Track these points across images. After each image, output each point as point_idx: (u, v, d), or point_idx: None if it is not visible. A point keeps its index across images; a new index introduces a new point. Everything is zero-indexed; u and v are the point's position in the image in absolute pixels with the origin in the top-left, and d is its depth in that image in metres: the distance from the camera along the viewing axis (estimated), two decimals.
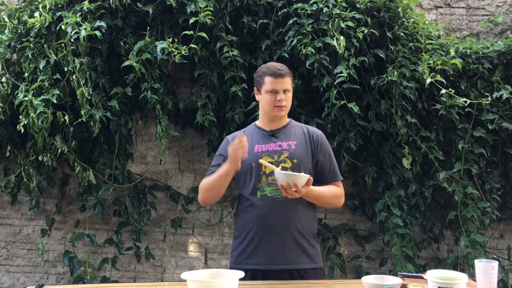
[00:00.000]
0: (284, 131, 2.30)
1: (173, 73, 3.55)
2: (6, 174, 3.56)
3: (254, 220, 2.20)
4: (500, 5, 3.76)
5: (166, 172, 3.68)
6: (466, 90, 3.32)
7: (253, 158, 2.20)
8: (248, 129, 2.38)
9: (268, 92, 2.24)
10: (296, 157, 2.22)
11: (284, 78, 2.23)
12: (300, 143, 2.26)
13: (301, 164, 2.21)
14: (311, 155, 2.27)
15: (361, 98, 3.31)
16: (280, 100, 2.21)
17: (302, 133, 2.31)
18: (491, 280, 1.77)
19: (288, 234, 2.18)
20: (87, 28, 3.06)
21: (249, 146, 2.22)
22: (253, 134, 2.32)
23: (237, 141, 2.08)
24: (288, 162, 2.20)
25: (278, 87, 2.22)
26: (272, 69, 2.24)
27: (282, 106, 2.22)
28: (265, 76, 2.24)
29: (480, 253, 3.16)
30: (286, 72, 2.24)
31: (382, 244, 3.51)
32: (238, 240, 2.27)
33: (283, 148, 2.23)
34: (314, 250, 2.25)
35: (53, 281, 3.65)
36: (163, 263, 3.64)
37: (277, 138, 2.27)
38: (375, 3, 3.27)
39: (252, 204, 2.21)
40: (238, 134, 2.31)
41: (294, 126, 2.34)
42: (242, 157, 2.09)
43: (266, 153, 2.23)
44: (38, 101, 3.06)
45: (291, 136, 2.28)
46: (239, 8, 3.32)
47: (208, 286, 1.75)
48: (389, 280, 1.88)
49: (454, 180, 3.24)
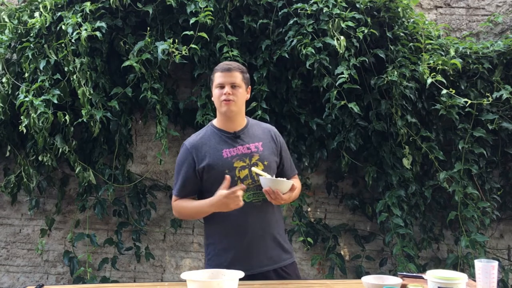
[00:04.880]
0: (247, 131, 2.24)
1: (173, 73, 3.55)
2: (6, 174, 3.56)
3: (235, 228, 2.14)
4: (500, 5, 3.76)
5: (166, 172, 3.68)
6: (466, 90, 3.32)
7: (224, 164, 2.13)
8: (207, 131, 2.24)
9: (217, 87, 2.18)
10: (266, 158, 2.19)
11: (232, 72, 2.17)
12: (265, 144, 2.23)
13: (271, 165, 2.20)
14: (276, 154, 2.26)
15: (361, 98, 3.31)
16: (226, 93, 2.13)
17: (263, 132, 2.28)
18: (491, 280, 1.77)
19: (269, 235, 2.18)
20: (88, 28, 3.06)
21: (216, 150, 2.16)
22: (216, 137, 2.21)
23: (231, 193, 1.98)
24: (260, 164, 2.16)
25: (224, 81, 2.16)
26: (221, 65, 2.21)
27: (228, 100, 2.13)
28: (215, 72, 2.21)
29: (480, 253, 3.16)
30: (235, 67, 2.19)
31: (382, 244, 3.52)
32: (217, 247, 2.19)
33: (253, 151, 2.18)
34: (289, 245, 2.30)
35: (53, 281, 3.65)
36: (163, 263, 3.64)
37: (243, 140, 2.20)
38: (375, 3, 3.26)
39: (229, 212, 2.08)
40: (197, 139, 2.21)
41: (253, 125, 2.29)
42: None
43: (237, 157, 2.15)
44: (39, 101, 3.06)
45: (255, 137, 2.24)
46: (239, 8, 3.32)
47: (208, 286, 1.75)
48: (389, 280, 1.88)
49: (454, 180, 3.24)
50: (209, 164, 2.14)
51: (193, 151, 2.19)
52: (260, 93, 3.24)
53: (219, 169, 2.13)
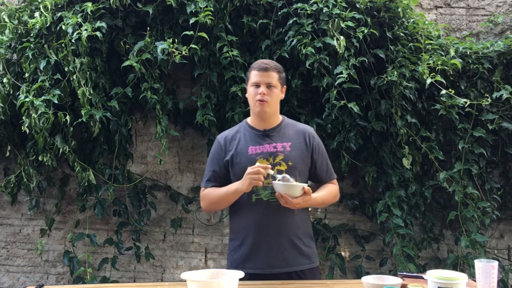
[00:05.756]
0: (278, 131, 2.24)
1: (173, 73, 3.55)
2: (6, 174, 3.56)
3: (250, 224, 2.18)
4: (500, 5, 3.76)
5: (166, 172, 3.68)
6: (466, 90, 3.32)
7: (247, 161, 2.16)
8: (240, 127, 2.30)
9: (252, 86, 2.19)
10: (291, 159, 2.17)
11: (269, 72, 2.16)
12: (294, 144, 2.22)
13: (296, 167, 2.17)
14: (308, 156, 2.23)
15: (361, 98, 3.31)
16: (261, 93, 2.14)
17: (297, 133, 2.25)
18: (491, 280, 1.77)
19: (284, 237, 2.16)
20: (88, 29, 3.06)
21: (243, 146, 2.20)
22: (246, 133, 2.25)
23: (260, 169, 2.01)
24: (284, 164, 2.16)
25: (260, 80, 2.16)
26: (258, 63, 2.21)
27: (263, 100, 2.15)
28: (252, 70, 2.21)
29: (480, 253, 3.16)
30: (272, 67, 2.18)
31: (382, 244, 3.51)
32: (235, 243, 2.24)
33: (278, 150, 2.18)
34: (310, 250, 2.24)
35: (53, 281, 3.65)
36: (163, 263, 3.64)
37: (271, 139, 2.21)
38: (375, 3, 3.27)
39: (248, 208, 2.17)
40: (230, 134, 2.28)
41: (288, 125, 2.29)
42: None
43: (261, 155, 2.17)
44: (39, 101, 3.06)
45: (285, 137, 2.23)
46: (239, 8, 3.32)
47: (208, 286, 1.75)
48: (389, 280, 1.88)
49: (454, 180, 3.24)
50: (233, 159, 2.20)
51: (223, 144, 2.25)
52: None
53: (241, 164, 2.16)
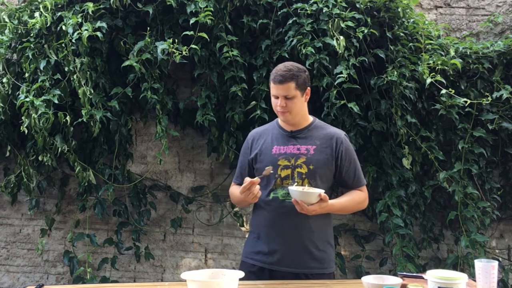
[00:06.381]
0: (305, 133, 2.25)
1: (173, 73, 3.55)
2: (6, 174, 3.56)
3: (265, 221, 2.23)
4: (500, 5, 3.76)
5: (166, 172, 3.68)
6: (466, 90, 3.32)
7: (270, 160, 2.21)
8: (270, 126, 2.37)
9: (273, 96, 2.22)
10: (313, 163, 2.17)
11: (284, 84, 2.14)
12: (320, 148, 2.20)
13: (317, 171, 2.17)
14: (333, 162, 2.21)
15: (361, 98, 3.31)
16: (280, 105, 2.17)
17: (325, 137, 2.24)
18: (491, 280, 1.77)
19: (296, 238, 2.17)
20: (89, 29, 3.06)
21: (268, 145, 2.25)
22: (274, 132, 2.30)
23: (248, 185, 2.04)
24: (304, 167, 2.16)
25: (277, 93, 2.18)
26: (274, 74, 2.18)
27: (284, 112, 2.18)
28: (270, 81, 2.21)
29: (480, 253, 3.16)
30: (287, 78, 2.14)
31: (382, 244, 3.51)
32: (252, 236, 2.32)
33: (301, 152, 2.19)
34: (325, 255, 2.23)
35: (53, 281, 3.65)
36: (163, 263, 3.64)
37: (297, 140, 2.23)
38: (375, 3, 3.27)
39: (265, 205, 2.22)
40: (260, 131, 2.35)
41: (317, 128, 2.28)
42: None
43: (284, 156, 2.20)
44: (40, 101, 3.06)
45: (312, 139, 2.23)
46: (239, 8, 3.32)
47: (208, 286, 1.75)
48: (389, 280, 1.88)
49: (454, 180, 3.24)
50: (257, 156, 2.26)
51: (251, 140, 2.33)
52: (260, 93, 3.25)
53: (264, 162, 2.21)
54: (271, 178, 2.19)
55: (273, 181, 2.20)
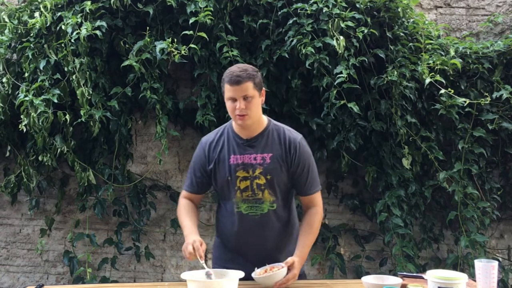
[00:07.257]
0: (260, 140, 2.14)
1: (173, 73, 3.55)
2: (6, 174, 3.56)
3: (232, 234, 2.18)
4: (500, 5, 3.76)
5: (166, 172, 3.68)
6: (466, 90, 3.32)
7: (228, 170, 2.12)
8: (225, 131, 2.21)
9: (228, 100, 2.06)
10: (270, 172, 2.10)
11: (241, 84, 2.00)
12: (275, 156, 2.12)
13: (274, 180, 2.10)
14: (286, 167, 2.13)
15: (361, 98, 3.31)
16: (239, 108, 2.02)
17: (279, 143, 2.13)
18: (491, 280, 1.77)
19: (263, 250, 2.15)
20: (88, 28, 3.06)
21: (225, 154, 2.14)
22: (229, 140, 2.17)
23: (191, 249, 1.99)
24: (262, 178, 2.09)
25: (235, 95, 2.02)
26: (229, 75, 2.03)
27: (242, 114, 2.03)
28: (224, 83, 2.05)
29: (480, 253, 3.16)
30: (245, 78, 2.01)
31: (382, 244, 3.51)
32: (219, 241, 2.30)
33: (257, 162, 2.10)
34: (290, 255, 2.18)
35: (53, 281, 3.65)
36: (163, 263, 3.64)
37: (253, 148, 2.13)
38: (375, 3, 3.27)
39: (230, 217, 2.17)
40: (214, 138, 2.20)
41: (272, 133, 2.16)
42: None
43: (241, 166, 2.11)
44: (39, 101, 3.06)
45: (267, 147, 2.12)
46: (239, 8, 3.32)
47: (208, 286, 1.75)
48: (389, 280, 1.88)
49: (454, 180, 3.24)
50: (215, 167, 2.15)
51: (206, 150, 2.19)
52: None
53: (222, 174, 2.13)
54: (230, 189, 2.12)
55: (233, 192, 2.12)
